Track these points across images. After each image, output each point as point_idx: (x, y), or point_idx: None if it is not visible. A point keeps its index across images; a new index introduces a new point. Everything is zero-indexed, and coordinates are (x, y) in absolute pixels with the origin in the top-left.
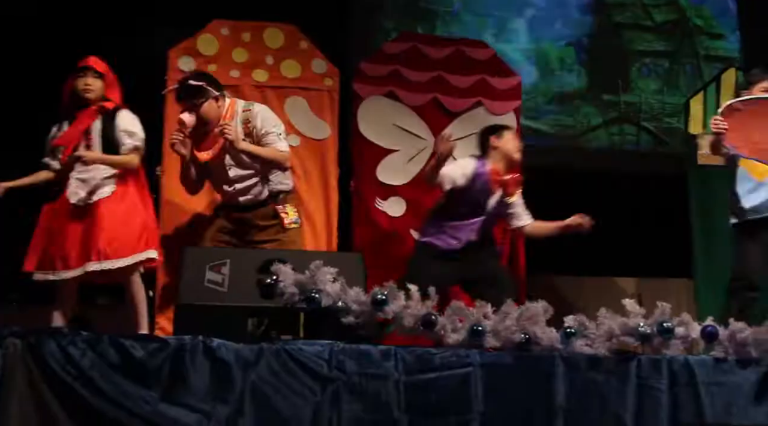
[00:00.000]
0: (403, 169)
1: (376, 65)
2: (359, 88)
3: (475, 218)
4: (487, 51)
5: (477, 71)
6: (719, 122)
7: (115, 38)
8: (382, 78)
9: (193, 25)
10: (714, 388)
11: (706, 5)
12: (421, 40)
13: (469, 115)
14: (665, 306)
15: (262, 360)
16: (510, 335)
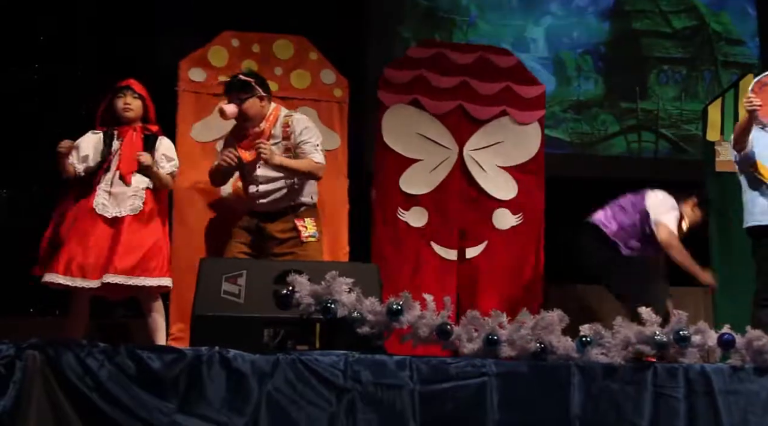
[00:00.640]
0: (426, 178)
1: (400, 71)
2: (384, 96)
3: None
4: (511, 58)
5: (502, 79)
6: (753, 98)
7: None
8: (406, 85)
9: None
10: (731, 397)
11: (726, 11)
12: (445, 46)
13: (494, 123)
14: (682, 314)
15: (278, 371)
16: (525, 344)
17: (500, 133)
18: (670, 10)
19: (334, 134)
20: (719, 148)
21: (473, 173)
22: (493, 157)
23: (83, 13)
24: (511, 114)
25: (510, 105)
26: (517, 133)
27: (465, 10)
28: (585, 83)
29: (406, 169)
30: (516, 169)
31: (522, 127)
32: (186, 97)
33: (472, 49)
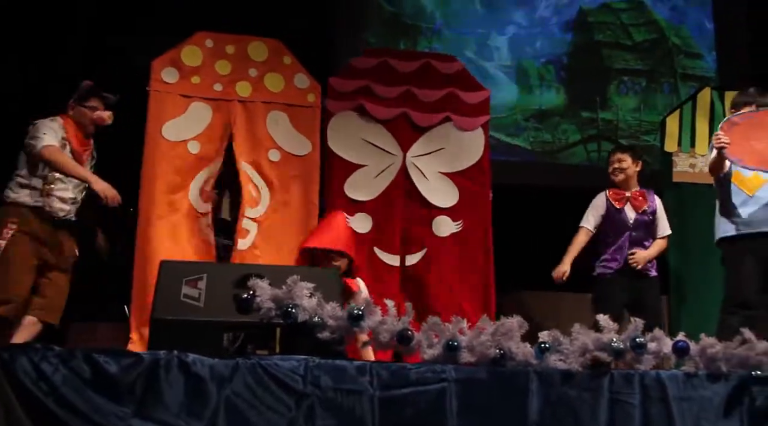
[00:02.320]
0: (370, 184)
1: (345, 80)
2: (329, 104)
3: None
4: (456, 65)
5: (446, 85)
6: (722, 137)
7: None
8: (351, 93)
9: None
10: (685, 403)
11: (685, 25)
12: (390, 54)
13: (437, 130)
14: (638, 321)
15: (237, 375)
16: (485, 350)
17: (443, 140)
18: (631, 23)
19: (305, 139)
20: (676, 158)
21: (414, 180)
22: (436, 163)
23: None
24: (455, 120)
25: (453, 111)
26: (460, 139)
27: (430, 17)
28: (547, 92)
29: (351, 174)
30: (458, 176)
31: (465, 133)
32: (158, 96)
33: (417, 56)
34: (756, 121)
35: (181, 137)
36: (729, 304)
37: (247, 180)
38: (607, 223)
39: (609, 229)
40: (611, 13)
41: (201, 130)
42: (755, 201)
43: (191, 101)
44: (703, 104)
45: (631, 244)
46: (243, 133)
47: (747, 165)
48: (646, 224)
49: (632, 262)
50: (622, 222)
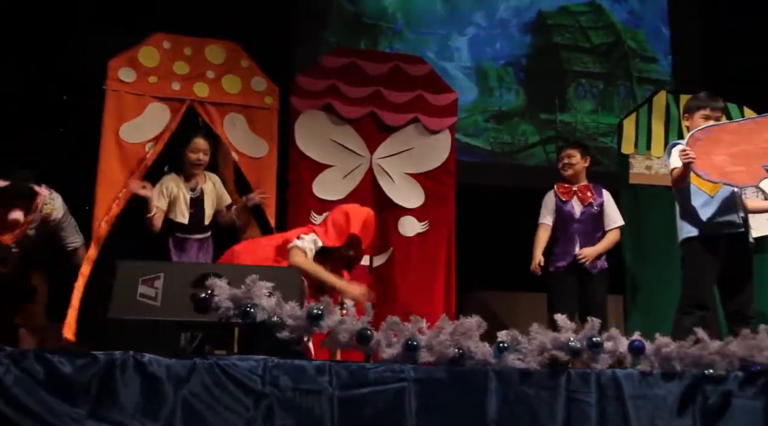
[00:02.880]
0: (338, 184)
1: (313, 79)
2: (296, 103)
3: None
4: (425, 67)
5: (414, 87)
6: (689, 152)
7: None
8: (319, 92)
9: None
10: (640, 402)
11: (642, 29)
12: (359, 54)
13: (405, 130)
14: (595, 321)
15: (194, 375)
16: (444, 350)
17: (410, 141)
18: (589, 26)
19: (262, 142)
20: (633, 160)
21: (380, 181)
22: (402, 164)
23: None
24: (423, 121)
25: (421, 112)
26: (427, 140)
27: (391, 17)
28: (506, 94)
29: (319, 174)
30: (425, 176)
31: (433, 135)
32: (114, 96)
33: (386, 58)
34: (714, 136)
35: (139, 138)
36: (685, 304)
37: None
38: (555, 216)
39: (557, 222)
40: (570, 15)
41: (159, 131)
42: (716, 201)
43: (149, 101)
44: (658, 107)
45: (579, 236)
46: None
47: (711, 178)
48: (593, 216)
49: (581, 259)
50: (569, 215)
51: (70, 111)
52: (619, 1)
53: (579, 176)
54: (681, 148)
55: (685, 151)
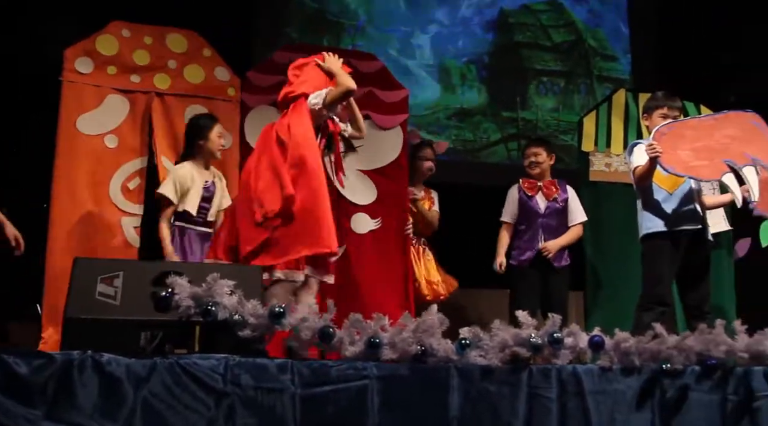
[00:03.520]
0: None
1: (264, 75)
2: (247, 98)
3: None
4: (376, 63)
5: (365, 84)
6: (656, 146)
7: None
8: (269, 88)
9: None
10: (599, 397)
11: (602, 28)
12: (311, 50)
13: None
14: (556, 317)
15: (154, 375)
16: (406, 347)
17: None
18: (550, 24)
19: (226, 134)
20: (593, 158)
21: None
22: (354, 161)
23: None
24: (374, 118)
25: (372, 109)
26: (379, 137)
27: (354, 14)
28: (468, 92)
29: None
30: (377, 173)
31: (384, 132)
32: (72, 87)
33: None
34: (677, 131)
35: (98, 130)
36: (645, 300)
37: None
38: (520, 212)
39: (522, 217)
40: (531, 14)
41: (118, 123)
42: (675, 198)
43: (107, 93)
44: (618, 105)
45: (543, 231)
46: (162, 127)
47: (677, 172)
48: (557, 212)
49: (545, 252)
50: (534, 210)
51: (24, 103)
52: (580, 1)
53: (545, 174)
54: (648, 142)
55: (653, 145)
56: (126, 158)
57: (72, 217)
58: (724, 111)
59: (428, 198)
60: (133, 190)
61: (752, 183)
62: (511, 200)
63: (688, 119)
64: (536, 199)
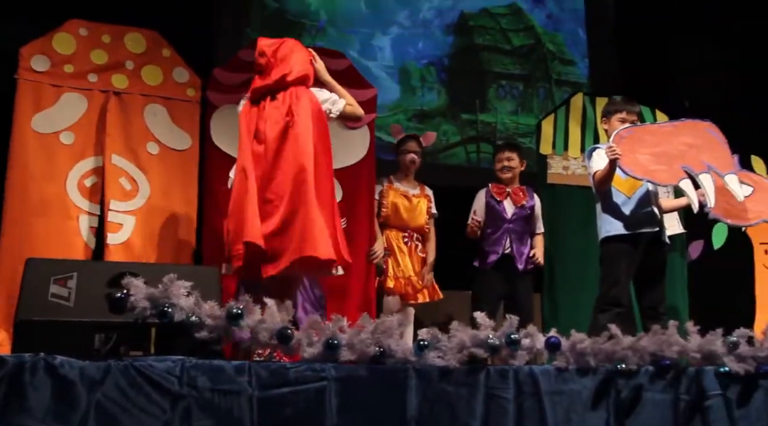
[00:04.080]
0: None
1: (230, 73)
2: (212, 97)
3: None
4: (344, 62)
5: None
6: (616, 148)
7: None
8: (236, 86)
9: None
10: (556, 397)
11: (560, 33)
12: None
13: None
14: (513, 318)
15: (109, 377)
16: (365, 348)
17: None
18: (509, 28)
19: (185, 134)
20: (551, 161)
21: None
22: None
23: None
24: None
25: None
26: (345, 136)
27: (314, 14)
28: (429, 94)
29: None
30: (343, 172)
31: (352, 131)
32: (27, 86)
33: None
34: (637, 136)
35: (53, 128)
36: (602, 302)
37: (120, 173)
38: (487, 215)
39: (488, 221)
40: (491, 18)
41: (75, 120)
42: (633, 201)
43: (63, 91)
44: (575, 109)
45: (509, 236)
46: (118, 126)
47: (636, 175)
48: (524, 218)
49: (537, 261)
50: (501, 214)
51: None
52: (539, 5)
53: (515, 179)
54: (608, 145)
55: (613, 148)
56: (83, 155)
57: (25, 216)
58: (682, 118)
59: (424, 195)
60: (90, 188)
61: (708, 189)
62: (479, 203)
63: (648, 124)
64: (504, 205)
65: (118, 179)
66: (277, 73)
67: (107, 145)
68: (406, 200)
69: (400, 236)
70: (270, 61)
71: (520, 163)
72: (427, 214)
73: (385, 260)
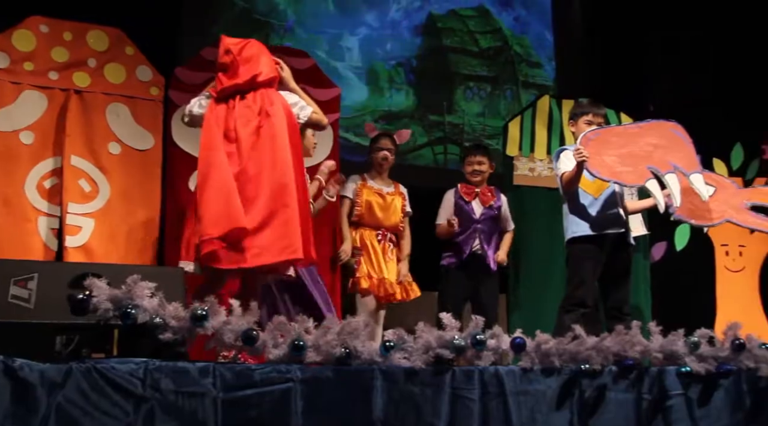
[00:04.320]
0: None
1: (193, 72)
2: (175, 96)
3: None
4: (308, 61)
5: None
6: (583, 150)
7: None
8: (199, 85)
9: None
10: (521, 397)
11: (527, 35)
12: None
13: None
14: (478, 319)
15: (70, 380)
16: (331, 349)
17: None
18: (477, 30)
19: (147, 134)
20: (517, 162)
21: None
22: None
23: None
24: None
25: None
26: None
27: (282, 14)
28: (396, 95)
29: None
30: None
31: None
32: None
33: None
34: (603, 137)
35: (12, 127)
36: (568, 302)
37: (78, 174)
38: (455, 216)
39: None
40: (459, 19)
41: (35, 119)
42: (600, 202)
43: (23, 88)
44: (542, 111)
45: (477, 236)
46: (78, 125)
47: (603, 177)
48: (492, 219)
49: (502, 262)
50: (469, 215)
51: None
52: (506, 8)
53: (484, 181)
54: (575, 147)
55: (580, 150)
56: (43, 156)
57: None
58: (648, 120)
59: (398, 193)
60: (50, 190)
61: (674, 189)
62: (447, 204)
63: (614, 126)
64: (472, 205)
65: (77, 181)
66: (246, 72)
67: (67, 145)
68: (380, 198)
69: (374, 235)
70: (236, 59)
71: (489, 166)
72: (402, 212)
73: (357, 260)
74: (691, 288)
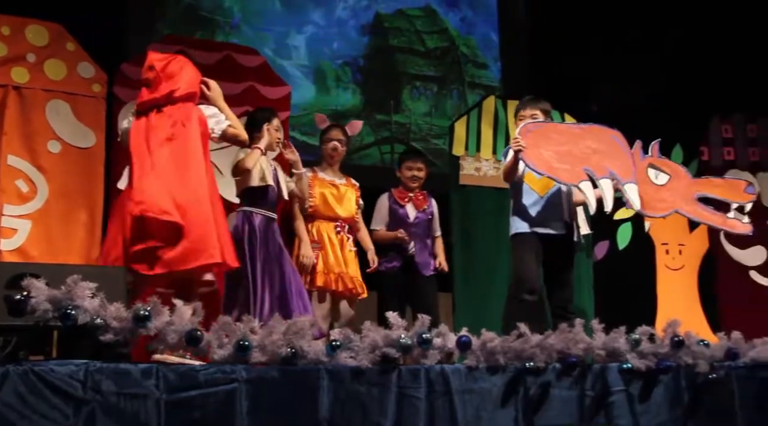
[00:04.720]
0: None
1: (139, 68)
2: (120, 92)
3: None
4: (258, 58)
5: (246, 79)
6: (520, 140)
7: None
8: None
9: None
10: (466, 395)
11: (473, 36)
12: (189, 43)
13: None
14: (425, 318)
15: (7, 383)
16: (276, 349)
17: None
18: (424, 30)
19: (89, 131)
20: (463, 162)
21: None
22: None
23: None
24: None
25: (253, 105)
26: None
27: (228, 11)
28: (343, 94)
29: None
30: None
31: None
32: None
33: (218, 47)
34: (544, 132)
35: None
36: (514, 289)
37: (15, 174)
38: (390, 220)
39: (391, 225)
40: (406, 19)
41: None
42: (545, 201)
43: None
44: (488, 111)
45: (412, 239)
46: (16, 123)
47: (537, 169)
48: (425, 222)
49: (442, 268)
50: (403, 219)
51: None
52: (453, 8)
53: (419, 186)
54: (514, 137)
55: (517, 139)
56: None
57: None
58: (591, 123)
59: (351, 185)
60: None
61: (607, 193)
62: (382, 209)
63: (557, 123)
64: (407, 209)
65: (13, 181)
66: (165, 88)
67: (3, 144)
68: (333, 188)
69: (331, 227)
70: (158, 75)
71: (426, 171)
72: (356, 204)
73: (316, 254)
74: (632, 286)
